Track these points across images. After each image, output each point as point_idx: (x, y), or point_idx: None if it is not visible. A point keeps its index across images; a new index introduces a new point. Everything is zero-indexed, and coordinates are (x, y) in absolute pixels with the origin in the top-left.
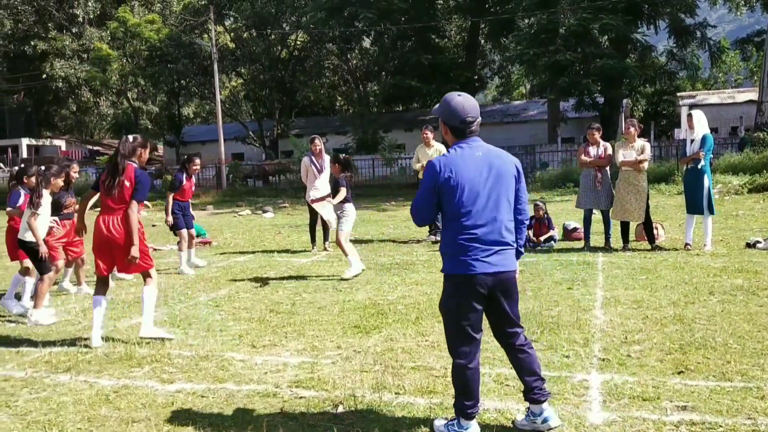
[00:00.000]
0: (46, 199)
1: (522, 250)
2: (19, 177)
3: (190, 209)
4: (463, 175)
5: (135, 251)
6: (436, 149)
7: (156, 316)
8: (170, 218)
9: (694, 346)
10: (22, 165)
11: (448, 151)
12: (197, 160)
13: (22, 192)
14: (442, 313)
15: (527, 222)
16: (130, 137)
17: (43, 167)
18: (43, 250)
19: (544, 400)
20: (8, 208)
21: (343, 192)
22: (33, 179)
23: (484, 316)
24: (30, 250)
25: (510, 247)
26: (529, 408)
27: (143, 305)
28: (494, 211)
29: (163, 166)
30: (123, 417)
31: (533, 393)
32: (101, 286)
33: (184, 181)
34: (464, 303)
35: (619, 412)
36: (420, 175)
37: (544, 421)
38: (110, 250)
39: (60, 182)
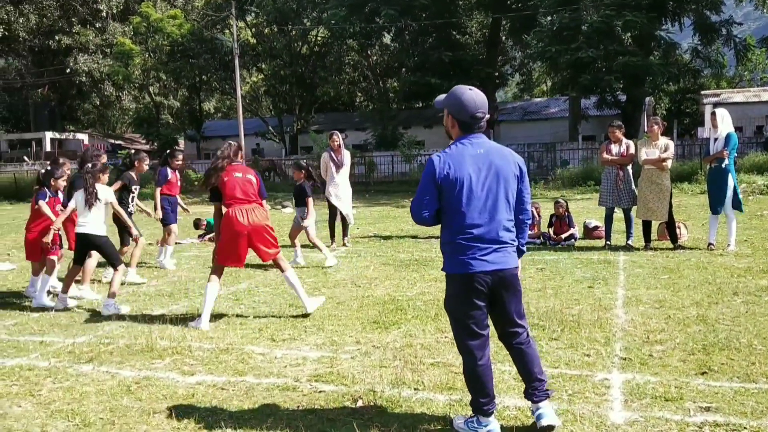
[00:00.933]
0: (102, 192)
1: (524, 249)
2: (46, 179)
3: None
4: (462, 173)
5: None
6: None
7: (176, 309)
8: (159, 213)
9: (718, 346)
10: (49, 168)
11: (450, 147)
12: (179, 155)
13: (48, 194)
14: (447, 312)
15: (529, 221)
16: (233, 143)
17: (88, 165)
18: (135, 232)
19: (539, 401)
20: (41, 203)
21: (310, 203)
22: (60, 181)
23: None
24: (97, 245)
25: (509, 245)
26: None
27: (296, 288)
28: (493, 210)
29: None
30: (144, 408)
31: (530, 391)
32: (220, 272)
33: (170, 175)
34: (466, 301)
35: (641, 411)
36: None
37: (538, 417)
38: (250, 239)
39: (107, 177)
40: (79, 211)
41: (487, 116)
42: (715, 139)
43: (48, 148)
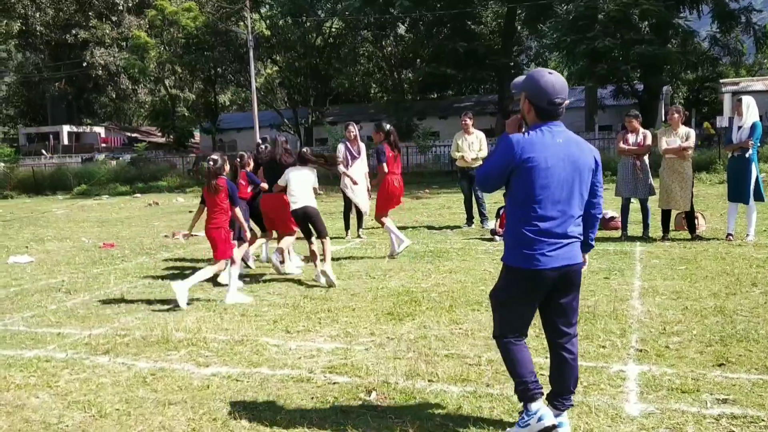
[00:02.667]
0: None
1: (593, 243)
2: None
3: None
4: (541, 162)
5: None
6: (476, 136)
7: (192, 300)
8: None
9: (736, 338)
10: (240, 156)
11: (528, 133)
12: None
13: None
14: (492, 301)
15: (600, 216)
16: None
17: (306, 149)
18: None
19: (562, 411)
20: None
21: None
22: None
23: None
24: (311, 216)
25: (576, 240)
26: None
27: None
28: (566, 203)
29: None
30: (160, 399)
31: (557, 400)
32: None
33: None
34: (522, 298)
35: (657, 403)
36: (458, 163)
37: (539, 419)
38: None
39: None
40: (293, 189)
41: (567, 102)
42: (739, 128)
43: (65, 141)
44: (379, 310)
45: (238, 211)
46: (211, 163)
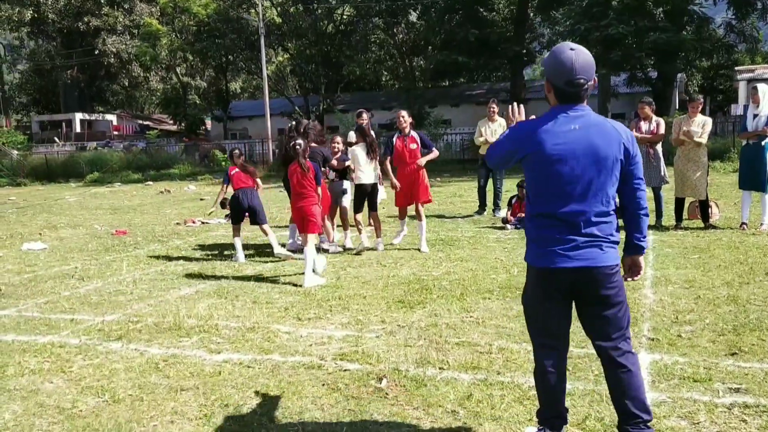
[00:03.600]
0: None
1: (641, 244)
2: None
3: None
4: (548, 151)
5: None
6: (499, 124)
7: (204, 287)
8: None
9: (749, 327)
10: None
11: (542, 117)
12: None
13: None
14: (522, 306)
15: (643, 212)
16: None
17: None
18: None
19: None
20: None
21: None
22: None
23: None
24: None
25: (602, 240)
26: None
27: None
28: (582, 198)
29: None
30: (172, 385)
31: (623, 428)
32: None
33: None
34: (541, 298)
35: (669, 392)
36: (482, 150)
37: None
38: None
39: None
40: (362, 165)
41: (591, 83)
42: (755, 116)
43: (78, 129)
44: (390, 298)
45: (320, 190)
46: (299, 146)
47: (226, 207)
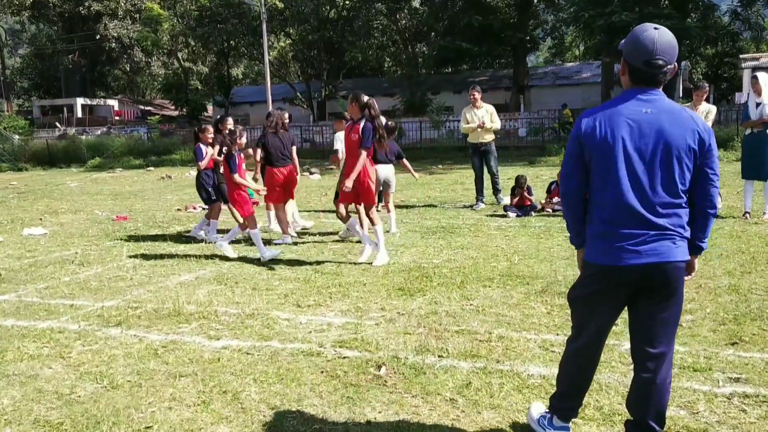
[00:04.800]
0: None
1: (703, 245)
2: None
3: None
4: (615, 135)
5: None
6: (485, 110)
7: (204, 274)
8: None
9: (750, 317)
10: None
11: (613, 100)
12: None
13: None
14: (569, 301)
15: (714, 211)
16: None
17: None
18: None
19: None
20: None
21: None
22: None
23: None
24: None
25: (672, 233)
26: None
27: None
28: (652, 188)
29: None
30: (171, 371)
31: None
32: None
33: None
34: (598, 297)
35: None
36: (469, 139)
37: None
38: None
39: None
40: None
41: (670, 67)
42: (758, 104)
43: (79, 114)
44: (390, 285)
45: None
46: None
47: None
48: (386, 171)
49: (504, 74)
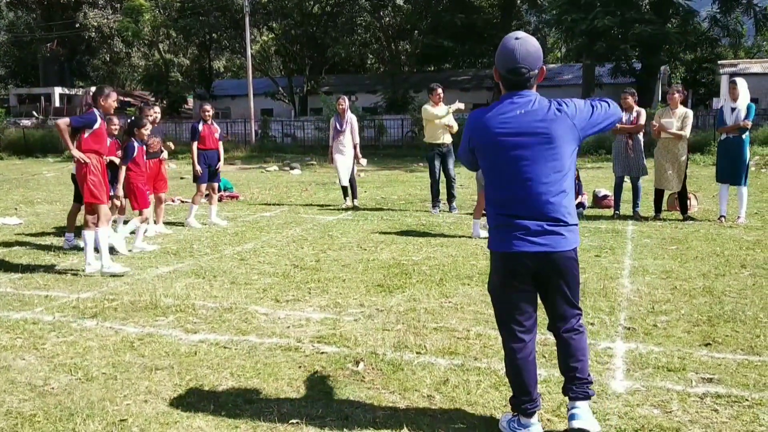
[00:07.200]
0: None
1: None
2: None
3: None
4: (491, 138)
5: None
6: (445, 109)
7: (182, 267)
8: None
9: (723, 318)
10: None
11: (490, 105)
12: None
13: (136, 144)
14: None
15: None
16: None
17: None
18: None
19: (575, 399)
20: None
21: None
22: (144, 131)
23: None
24: None
25: (556, 223)
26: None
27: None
28: (530, 182)
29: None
30: (147, 364)
31: (566, 385)
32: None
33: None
34: (504, 282)
35: (643, 381)
36: (429, 139)
37: (571, 417)
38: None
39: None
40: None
41: (534, 72)
42: (733, 109)
43: (57, 103)
44: (370, 281)
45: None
46: None
47: None
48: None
49: (486, 74)
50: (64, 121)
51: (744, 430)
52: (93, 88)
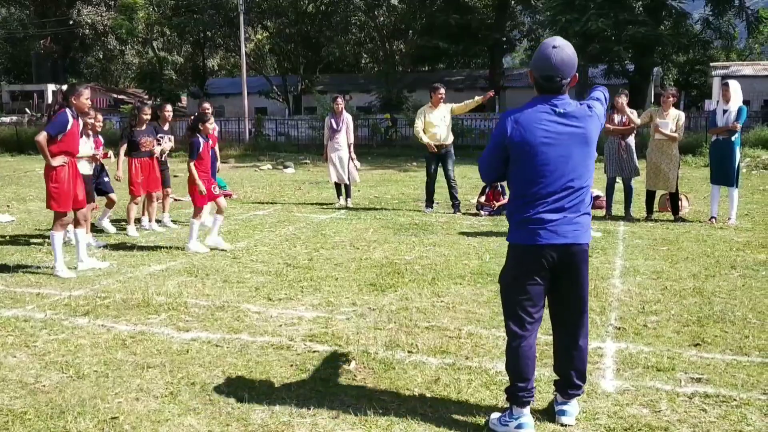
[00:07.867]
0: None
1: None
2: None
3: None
4: (533, 140)
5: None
6: (447, 109)
7: (174, 265)
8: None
9: (713, 319)
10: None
11: (524, 107)
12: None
13: (201, 140)
14: (500, 285)
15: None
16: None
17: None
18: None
19: (567, 399)
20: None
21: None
22: (208, 125)
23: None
24: None
25: (580, 216)
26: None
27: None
28: (561, 176)
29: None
30: (138, 362)
31: (560, 388)
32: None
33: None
34: (524, 273)
35: (633, 381)
36: (424, 141)
37: (559, 413)
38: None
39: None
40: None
41: (566, 81)
42: (725, 111)
43: (50, 100)
44: (362, 280)
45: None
46: None
47: None
48: None
49: (480, 74)
50: (43, 137)
51: (732, 429)
52: (65, 87)
